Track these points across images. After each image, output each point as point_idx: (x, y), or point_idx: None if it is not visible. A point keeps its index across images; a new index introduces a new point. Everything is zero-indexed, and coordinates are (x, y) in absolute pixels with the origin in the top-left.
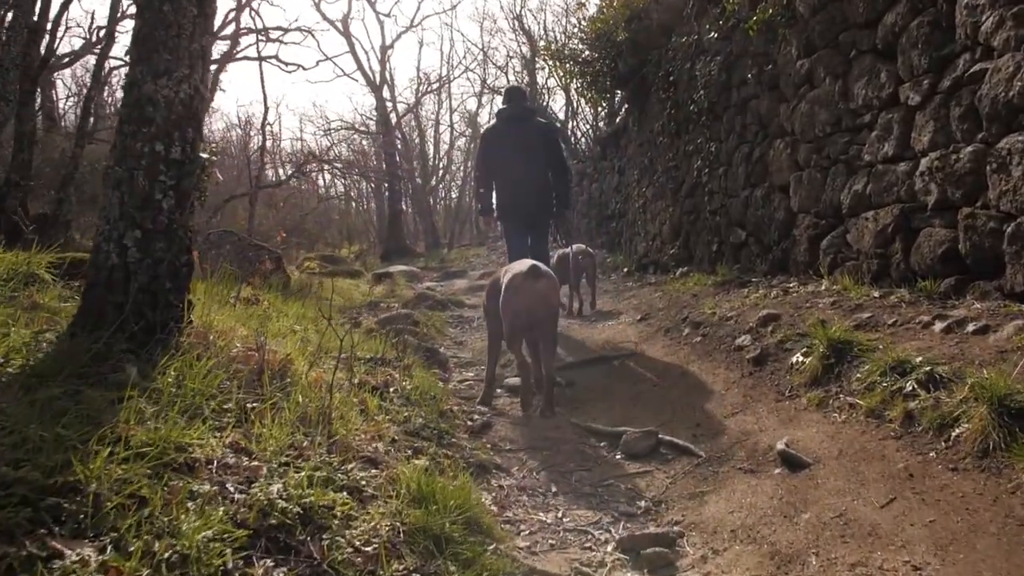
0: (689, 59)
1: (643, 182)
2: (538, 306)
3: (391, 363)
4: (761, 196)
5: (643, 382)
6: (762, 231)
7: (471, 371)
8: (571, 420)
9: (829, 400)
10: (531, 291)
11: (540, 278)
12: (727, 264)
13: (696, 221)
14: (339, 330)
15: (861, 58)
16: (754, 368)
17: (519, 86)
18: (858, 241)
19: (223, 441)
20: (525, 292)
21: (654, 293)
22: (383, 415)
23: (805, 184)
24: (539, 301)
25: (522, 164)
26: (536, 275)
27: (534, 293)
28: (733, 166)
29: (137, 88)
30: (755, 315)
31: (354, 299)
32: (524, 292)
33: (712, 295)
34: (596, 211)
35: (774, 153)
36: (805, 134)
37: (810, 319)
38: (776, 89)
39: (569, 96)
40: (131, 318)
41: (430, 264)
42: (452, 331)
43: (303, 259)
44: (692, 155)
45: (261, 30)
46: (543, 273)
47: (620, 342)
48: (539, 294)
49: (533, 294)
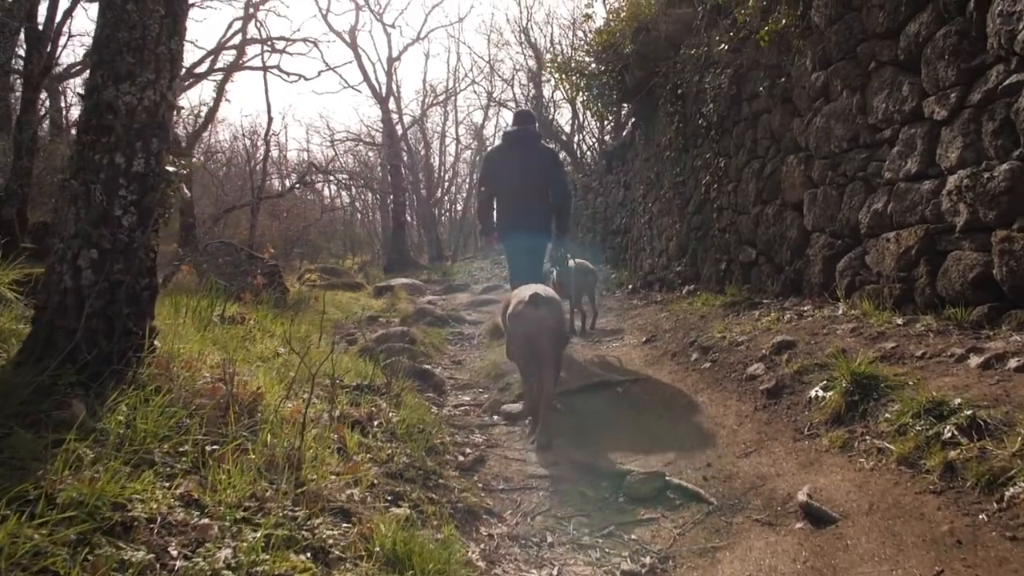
0: (698, 71)
1: (649, 197)
2: (539, 333)
3: (379, 390)
4: (773, 213)
5: (649, 412)
6: (773, 250)
7: (468, 394)
8: (571, 455)
9: (854, 442)
10: (532, 318)
11: (541, 306)
12: (736, 284)
13: (704, 238)
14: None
15: (881, 70)
16: (768, 401)
17: (529, 110)
18: (878, 263)
19: (172, 493)
20: (526, 319)
21: (660, 313)
22: (363, 454)
23: (820, 202)
24: (540, 328)
25: (524, 186)
26: (537, 303)
27: (535, 321)
28: (743, 182)
29: (97, 94)
30: (768, 341)
31: (353, 313)
32: (525, 319)
33: (721, 317)
34: (601, 226)
35: (787, 169)
36: (820, 149)
37: (829, 348)
38: (789, 103)
39: (575, 109)
40: (83, 347)
41: (433, 277)
42: (451, 349)
43: (304, 271)
44: (700, 170)
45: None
46: (545, 300)
47: (624, 365)
48: (540, 321)
49: (534, 322)
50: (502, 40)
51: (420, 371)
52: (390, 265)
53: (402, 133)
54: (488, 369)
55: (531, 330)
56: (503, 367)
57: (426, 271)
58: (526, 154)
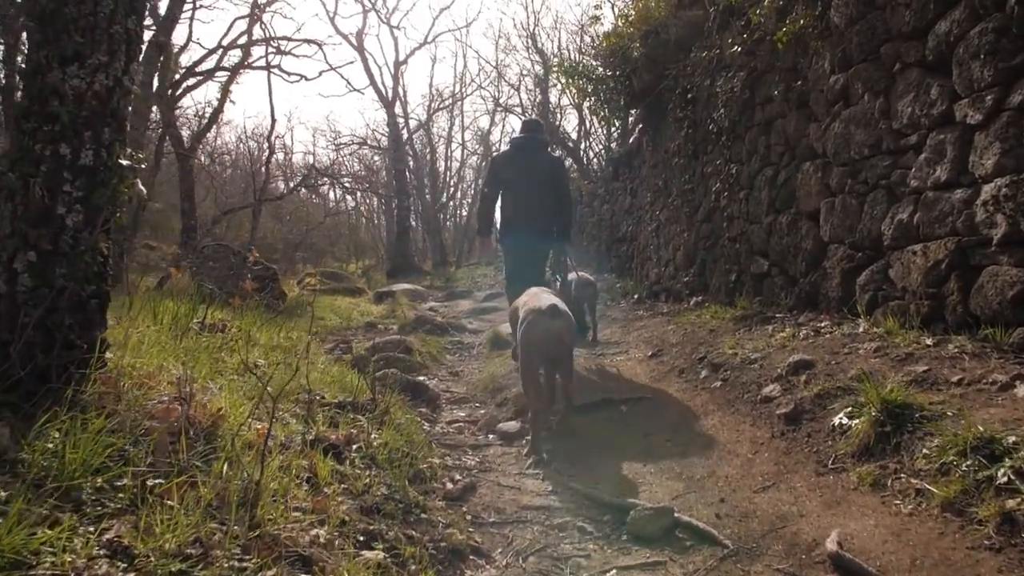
0: (709, 75)
1: (656, 205)
2: (553, 345)
3: (365, 408)
4: (787, 223)
5: (655, 435)
6: (787, 261)
7: (464, 409)
8: (569, 483)
9: (887, 479)
10: (548, 329)
11: (557, 317)
12: (747, 296)
13: (713, 248)
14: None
15: (906, 72)
16: (787, 427)
17: (537, 119)
18: (903, 278)
19: (98, 539)
20: (542, 330)
21: (667, 325)
22: (336, 485)
23: (838, 211)
24: (554, 340)
25: (528, 192)
26: (554, 314)
27: (550, 332)
28: (755, 190)
29: (40, 76)
30: (784, 359)
31: (352, 319)
32: (540, 330)
33: (731, 331)
34: (607, 233)
35: (802, 177)
36: (839, 156)
37: (852, 369)
38: (805, 107)
39: (582, 116)
40: (17, 362)
41: (435, 283)
42: (450, 359)
43: (304, 275)
44: (710, 177)
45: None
46: (561, 312)
47: (628, 382)
48: (555, 333)
49: (549, 333)
50: (509, 45)
51: (413, 384)
52: (393, 270)
53: (407, 137)
54: (486, 382)
55: (547, 341)
56: (501, 380)
57: (429, 277)
58: (532, 161)
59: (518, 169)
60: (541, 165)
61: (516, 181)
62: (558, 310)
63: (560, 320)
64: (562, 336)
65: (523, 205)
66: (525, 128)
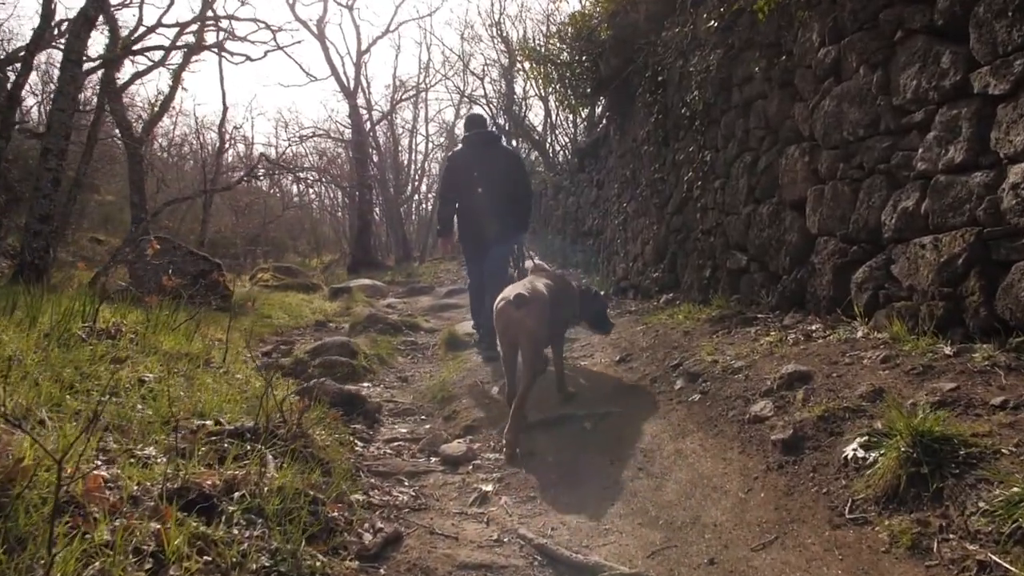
0: (682, 55)
1: (624, 196)
2: (515, 331)
3: (272, 432)
4: (768, 214)
5: (624, 460)
6: (768, 256)
7: (407, 423)
8: (519, 529)
9: (930, 541)
10: (510, 317)
11: (521, 306)
12: (723, 294)
13: (685, 241)
14: (227, 374)
15: (910, 40)
16: (785, 457)
17: (480, 114)
18: (910, 275)
19: None
20: (505, 318)
21: (635, 325)
22: (193, 560)
23: (828, 200)
24: (519, 326)
25: (486, 188)
26: (518, 303)
27: (512, 319)
28: (732, 178)
29: None
30: (773, 369)
31: (303, 317)
32: (504, 318)
33: (708, 334)
34: (572, 227)
35: (786, 162)
36: (829, 138)
37: (860, 385)
38: (790, 86)
39: (548, 107)
40: None
41: (397, 278)
42: (401, 361)
43: (256, 270)
44: (682, 166)
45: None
46: (527, 300)
47: (593, 391)
48: (515, 320)
49: (511, 320)
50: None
51: (348, 396)
52: (354, 265)
53: (370, 128)
54: (435, 390)
55: (510, 329)
56: (452, 389)
57: (390, 272)
58: (488, 156)
59: (474, 166)
60: (497, 160)
61: (473, 179)
62: (524, 298)
63: (524, 308)
64: (523, 323)
65: (482, 202)
66: (471, 124)
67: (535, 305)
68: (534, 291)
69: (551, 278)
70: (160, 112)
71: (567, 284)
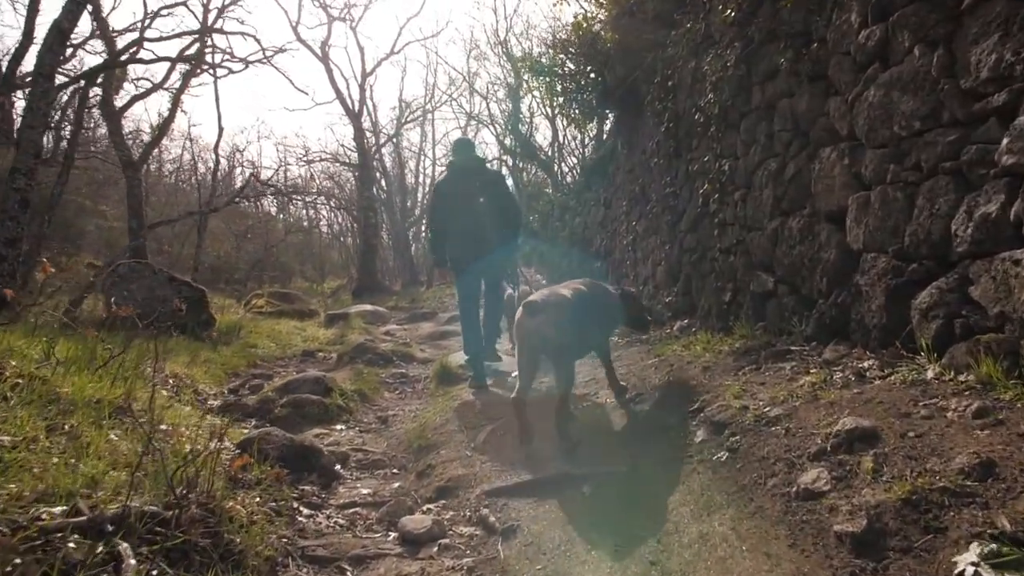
0: (694, 54)
1: (633, 214)
2: (535, 340)
3: (180, 508)
4: (799, 228)
5: (632, 549)
6: (800, 277)
7: (372, 480)
8: None
9: None
10: (528, 327)
11: (537, 314)
12: (746, 321)
13: (701, 262)
14: (129, 432)
15: (983, 8)
16: (858, 560)
17: (467, 138)
18: (998, 300)
19: None
20: (523, 328)
21: (646, 357)
22: None
23: (876, 209)
24: (535, 336)
25: (474, 214)
26: (533, 311)
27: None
28: (755, 189)
29: None
30: (822, 420)
31: (291, 346)
32: (523, 328)
33: (733, 370)
34: (578, 249)
35: (820, 167)
36: (874, 135)
37: (952, 450)
38: (822, 79)
39: (555, 127)
40: None
41: (401, 303)
42: (386, 397)
43: (251, 296)
44: (696, 178)
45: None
46: (542, 307)
47: (595, 441)
48: (533, 330)
49: (529, 330)
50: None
51: (300, 449)
52: (359, 290)
53: (374, 149)
54: (413, 437)
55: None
56: (432, 436)
57: (395, 297)
58: (473, 181)
59: (460, 193)
60: (482, 183)
61: (460, 205)
62: (538, 306)
63: (540, 316)
64: (542, 331)
65: (470, 226)
66: (457, 149)
67: (552, 312)
68: (553, 296)
69: (584, 284)
70: (159, 135)
71: (603, 289)
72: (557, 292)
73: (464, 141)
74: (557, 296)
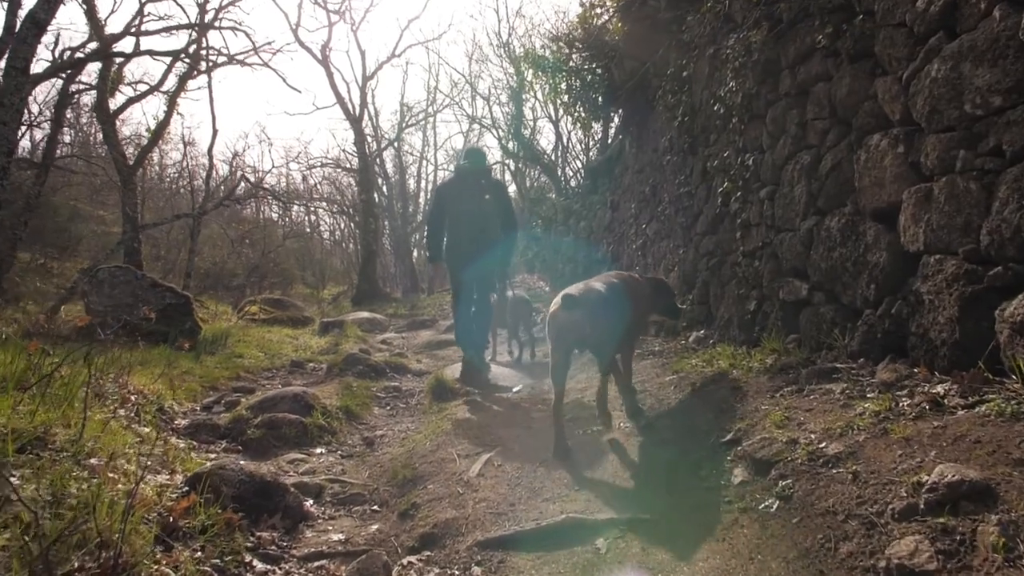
0: (712, 40)
1: (643, 217)
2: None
3: None
4: (839, 228)
5: None
6: (842, 283)
7: (348, 519)
8: None
9: None
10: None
11: (574, 307)
12: (775, 333)
13: (720, 267)
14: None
15: None
16: None
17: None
18: None
19: None
20: (558, 322)
21: (662, 373)
22: None
23: (941, 203)
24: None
25: (474, 217)
26: (569, 305)
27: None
28: (784, 185)
29: None
30: (899, 463)
31: (280, 356)
32: (557, 322)
33: (768, 391)
34: (583, 254)
35: (866, 157)
36: (938, 117)
37: None
38: (867, 57)
39: (559, 131)
40: None
41: (400, 310)
42: (375, 413)
43: (245, 302)
44: (715, 175)
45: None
46: (580, 301)
47: (608, 479)
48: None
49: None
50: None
51: (261, 486)
52: (358, 297)
53: (375, 153)
54: (400, 464)
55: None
56: (420, 464)
57: (394, 304)
58: (475, 186)
59: (462, 196)
60: (484, 190)
61: (461, 207)
62: (576, 299)
63: (577, 310)
64: (580, 326)
65: (468, 230)
66: (467, 156)
67: (589, 305)
68: (588, 290)
69: (616, 276)
70: (155, 138)
71: (635, 281)
72: (592, 286)
73: (476, 150)
74: (593, 290)
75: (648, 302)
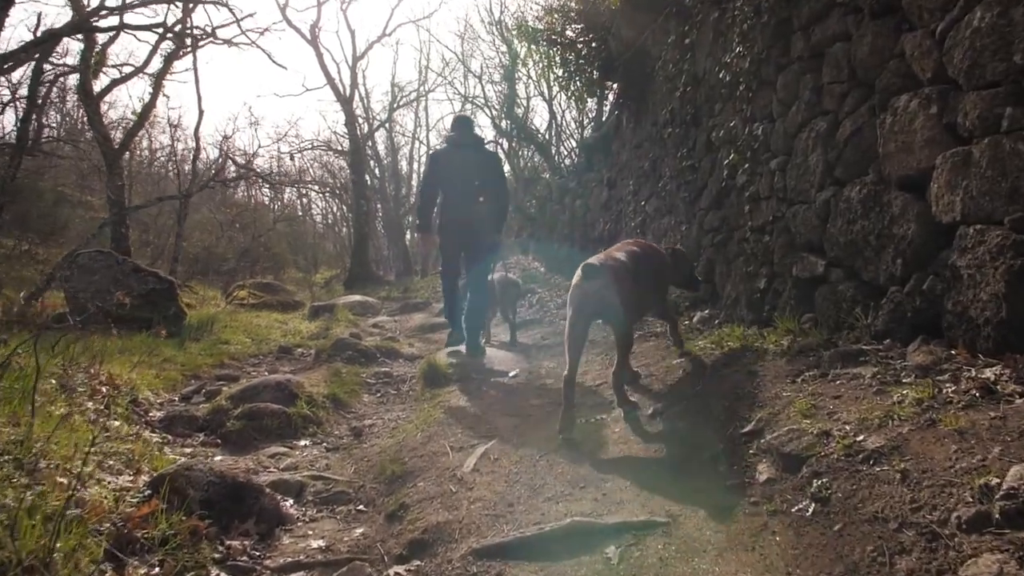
0: (717, 3)
1: (642, 193)
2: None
3: None
4: (860, 198)
5: None
6: (864, 258)
7: (331, 520)
8: None
9: None
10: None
11: (593, 277)
12: (789, 312)
13: (726, 243)
14: None
15: None
16: None
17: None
18: None
19: None
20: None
21: (669, 356)
22: None
23: (982, 168)
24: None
25: (467, 188)
26: (589, 274)
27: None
28: (797, 155)
29: None
30: (957, 460)
31: (268, 342)
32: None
33: (788, 376)
34: (579, 233)
35: (893, 121)
36: (978, 72)
37: None
38: (894, 12)
39: (552, 109)
40: None
41: (393, 294)
42: (364, 401)
43: (234, 287)
44: (720, 147)
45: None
46: (599, 271)
47: (617, 477)
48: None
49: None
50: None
51: (233, 488)
52: (351, 280)
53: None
54: (388, 458)
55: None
56: (410, 459)
57: (387, 287)
58: (469, 157)
59: (455, 166)
60: (477, 161)
61: (453, 177)
62: (597, 269)
63: (598, 280)
64: (601, 295)
65: (460, 201)
66: (457, 125)
67: (610, 274)
68: (609, 259)
69: (637, 244)
70: (140, 120)
71: (655, 250)
72: (612, 255)
73: (463, 118)
74: (613, 259)
75: (670, 271)
